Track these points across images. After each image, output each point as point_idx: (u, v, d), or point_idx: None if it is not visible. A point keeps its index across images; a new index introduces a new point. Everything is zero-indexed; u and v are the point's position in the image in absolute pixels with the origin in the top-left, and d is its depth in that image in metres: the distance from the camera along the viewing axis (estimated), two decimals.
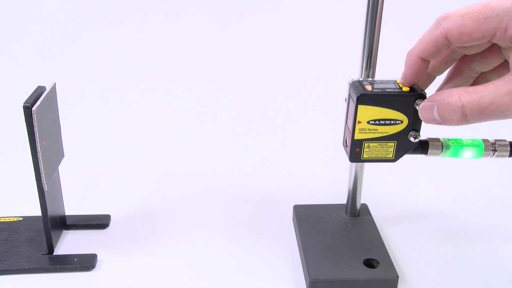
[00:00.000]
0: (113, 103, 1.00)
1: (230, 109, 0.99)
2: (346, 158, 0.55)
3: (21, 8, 1.13)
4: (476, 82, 0.53)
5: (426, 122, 0.50)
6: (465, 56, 0.52)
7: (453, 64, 0.53)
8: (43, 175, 0.56)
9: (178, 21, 1.14)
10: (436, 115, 0.47)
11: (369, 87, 0.52)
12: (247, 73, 1.08)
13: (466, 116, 0.45)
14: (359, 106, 0.51)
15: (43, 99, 0.55)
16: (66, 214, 0.66)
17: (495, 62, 0.50)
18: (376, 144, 0.53)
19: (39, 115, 0.54)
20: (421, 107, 0.49)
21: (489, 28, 0.44)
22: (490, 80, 0.50)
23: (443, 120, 0.47)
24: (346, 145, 0.55)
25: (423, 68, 0.50)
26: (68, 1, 1.13)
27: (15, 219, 0.66)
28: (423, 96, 0.50)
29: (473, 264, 0.61)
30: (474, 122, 0.45)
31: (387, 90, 0.51)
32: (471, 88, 0.45)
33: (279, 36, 1.12)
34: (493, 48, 0.49)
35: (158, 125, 0.94)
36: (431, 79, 0.54)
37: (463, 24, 0.45)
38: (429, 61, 0.50)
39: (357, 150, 0.54)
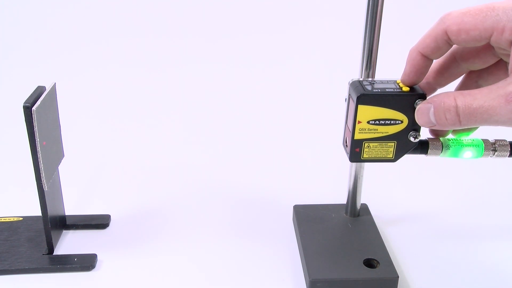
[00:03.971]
0: (113, 103, 1.00)
1: (229, 110, 0.99)
2: (346, 158, 0.55)
3: (21, 8, 1.13)
4: None
5: (422, 125, 0.50)
6: (471, 72, 0.52)
7: (460, 81, 0.54)
8: (43, 175, 0.56)
9: (177, 21, 1.14)
10: (432, 117, 0.47)
11: (369, 87, 0.52)
12: (247, 73, 1.08)
13: (459, 116, 0.45)
14: (359, 106, 0.51)
15: (43, 99, 0.55)
16: (66, 214, 0.66)
17: (502, 78, 0.50)
18: (376, 144, 0.53)
19: (39, 115, 0.54)
20: (418, 109, 0.49)
21: (486, 27, 0.44)
22: None
23: (438, 121, 0.47)
24: (346, 145, 0.55)
25: (423, 66, 0.50)
26: (68, 2, 1.13)
27: (15, 219, 0.66)
28: (423, 96, 0.51)
29: (473, 263, 0.61)
30: (466, 124, 0.45)
31: (387, 90, 0.51)
32: (466, 91, 0.46)
33: (279, 36, 1.12)
34: (500, 64, 0.50)
35: (158, 125, 0.94)
36: (432, 91, 0.54)
37: (463, 21, 0.45)
38: (431, 61, 0.50)
39: (357, 150, 0.54)
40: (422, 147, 0.54)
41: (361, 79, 0.55)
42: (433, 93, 0.54)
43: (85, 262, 0.60)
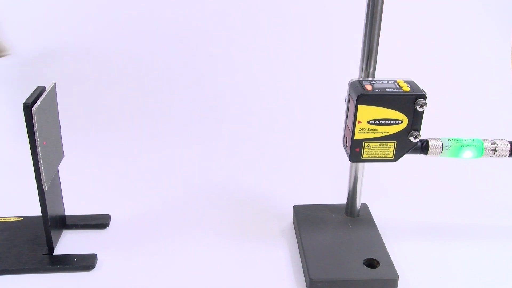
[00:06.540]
0: (113, 103, 1.00)
1: (230, 110, 0.99)
2: (346, 158, 0.55)
3: (21, 8, 1.13)
4: None
5: None
6: None
7: None
8: (43, 175, 0.56)
9: (177, 20, 1.14)
10: None
11: (369, 87, 0.52)
12: (247, 73, 1.08)
13: None
14: (359, 106, 0.51)
15: (43, 99, 0.55)
16: (66, 214, 0.66)
17: None
18: (376, 144, 0.53)
19: (39, 115, 0.54)
20: None
21: None
22: None
23: None
24: (346, 145, 0.55)
25: None
26: (68, 2, 1.13)
27: (15, 219, 0.66)
28: (423, 96, 0.51)
29: (472, 263, 0.61)
30: None
31: (387, 90, 0.51)
32: None
33: (279, 35, 1.12)
34: None
35: (158, 125, 0.94)
36: None
37: None
38: None
39: (357, 150, 0.54)
40: (422, 147, 0.54)
41: (361, 79, 0.55)
42: None
43: (85, 262, 0.60)
